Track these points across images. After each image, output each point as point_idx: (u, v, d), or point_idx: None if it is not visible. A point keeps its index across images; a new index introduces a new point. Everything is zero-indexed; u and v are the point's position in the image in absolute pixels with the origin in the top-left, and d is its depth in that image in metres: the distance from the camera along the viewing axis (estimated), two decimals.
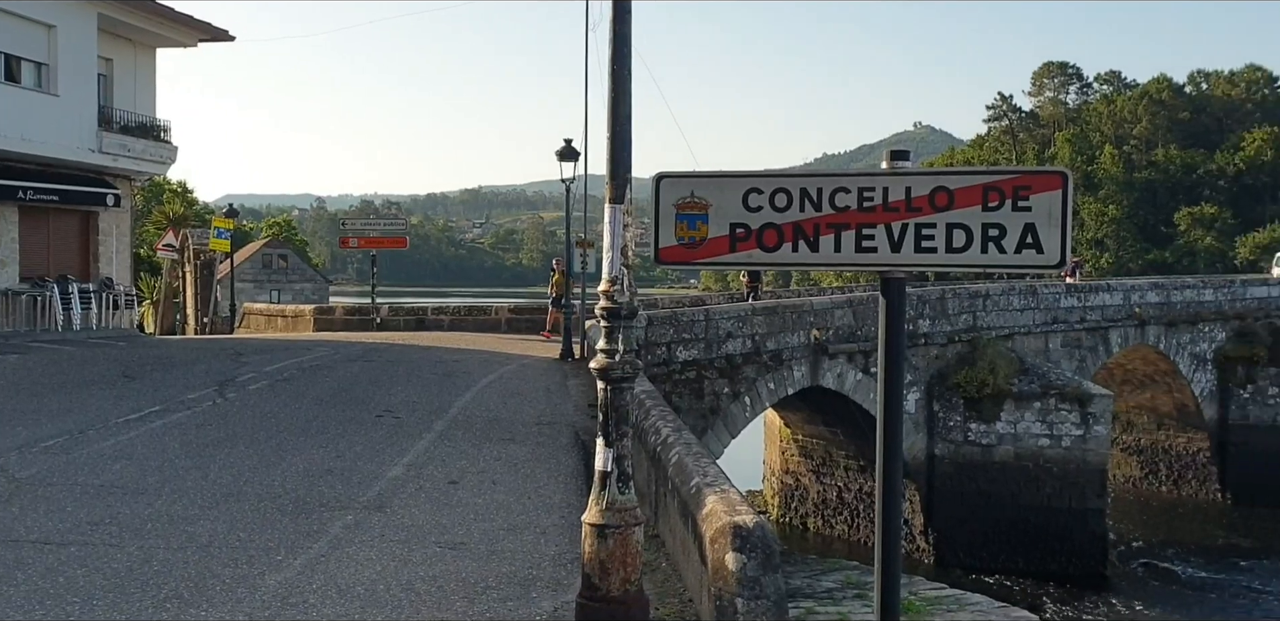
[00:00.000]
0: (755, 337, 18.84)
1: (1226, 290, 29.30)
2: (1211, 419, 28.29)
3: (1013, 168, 4.31)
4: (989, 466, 21.76)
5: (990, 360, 22.30)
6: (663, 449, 6.75)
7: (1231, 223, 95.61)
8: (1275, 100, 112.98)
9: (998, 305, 23.68)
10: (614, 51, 4.75)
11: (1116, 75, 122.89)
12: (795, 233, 4.38)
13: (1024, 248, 4.19)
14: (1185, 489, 28.82)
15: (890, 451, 4.15)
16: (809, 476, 24.88)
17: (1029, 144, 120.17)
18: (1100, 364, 25.92)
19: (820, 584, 11.49)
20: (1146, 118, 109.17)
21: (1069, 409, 21.47)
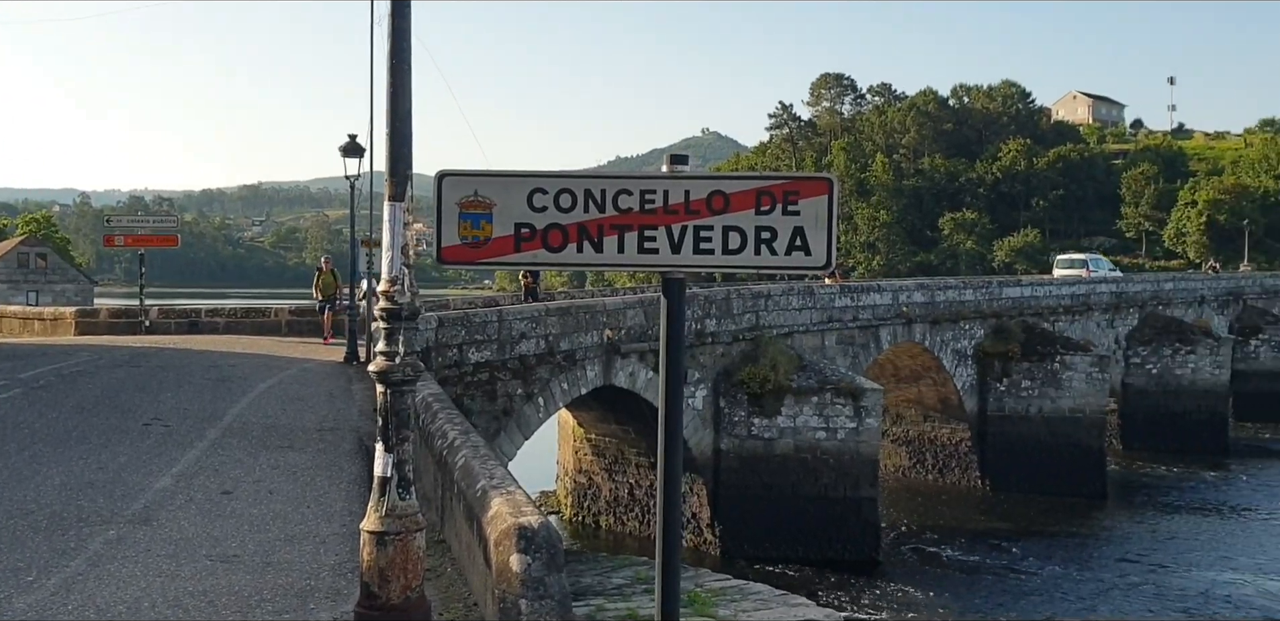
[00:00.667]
0: (549, 338, 18.87)
1: (985, 290, 31.55)
2: (972, 410, 30.41)
3: (783, 173, 4.49)
4: (771, 459, 22.62)
5: (772, 357, 23.19)
6: (449, 452, 6.66)
7: (990, 227, 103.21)
8: (1028, 114, 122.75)
9: (778, 305, 24.64)
10: (393, 47, 4.65)
11: (887, 87, 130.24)
12: (580, 233, 4.41)
13: (794, 250, 4.37)
14: (949, 477, 30.87)
15: (670, 446, 4.25)
16: (602, 475, 25.14)
17: (808, 151, 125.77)
18: (872, 360, 27.40)
19: (610, 580, 11.65)
20: (914, 128, 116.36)
21: (844, 403, 22.60)
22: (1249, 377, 42.84)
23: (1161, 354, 37.06)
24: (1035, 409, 30.04)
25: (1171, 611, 20.18)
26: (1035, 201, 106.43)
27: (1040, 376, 30.18)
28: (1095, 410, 30.25)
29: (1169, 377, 36.83)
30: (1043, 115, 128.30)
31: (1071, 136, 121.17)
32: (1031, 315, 32.34)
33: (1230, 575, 22.42)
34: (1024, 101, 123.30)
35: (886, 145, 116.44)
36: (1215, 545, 25.03)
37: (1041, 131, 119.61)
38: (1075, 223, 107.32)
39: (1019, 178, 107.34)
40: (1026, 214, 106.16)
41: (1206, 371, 36.85)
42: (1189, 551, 24.49)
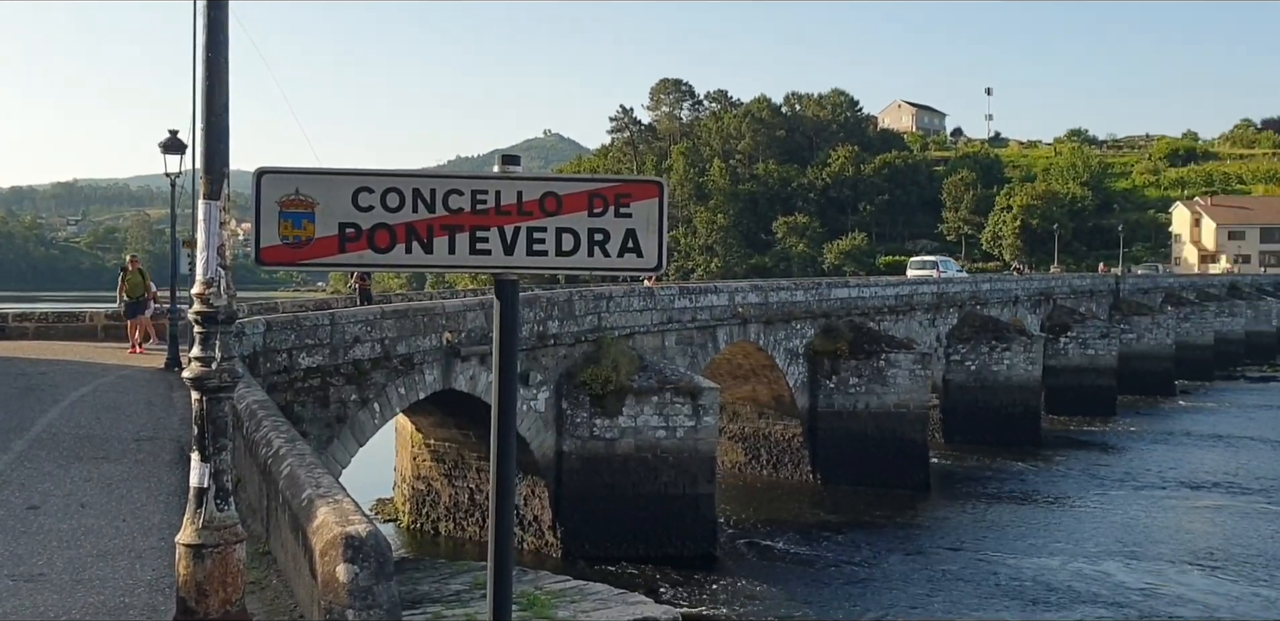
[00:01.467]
0: (385, 342, 18.45)
1: (815, 292, 32.59)
2: (804, 407, 31.36)
3: (614, 176, 4.51)
4: (613, 459, 22.77)
5: (614, 358, 23.34)
6: (274, 461, 6.42)
7: (820, 231, 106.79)
8: (856, 122, 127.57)
9: (620, 306, 24.81)
10: (209, 38, 4.45)
11: (724, 94, 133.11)
12: (408, 234, 4.32)
13: (626, 252, 4.40)
14: (783, 472, 31.75)
15: (503, 449, 4.21)
16: (441, 480, 24.76)
17: (649, 155, 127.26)
18: (709, 359, 27.93)
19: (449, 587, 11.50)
20: (749, 134, 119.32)
21: (683, 402, 22.95)
22: (1059, 373, 45.68)
23: (979, 351, 39.08)
24: (863, 405, 31.22)
25: (995, 596, 21.24)
26: (863, 206, 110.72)
27: (867, 373, 31.37)
28: (918, 405, 31.66)
29: (986, 373, 38.87)
30: (870, 123, 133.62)
31: (896, 144, 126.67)
32: (859, 315, 33.58)
33: (1047, 559, 23.75)
34: (852, 110, 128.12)
35: (723, 150, 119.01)
36: (1032, 531, 26.53)
37: (869, 139, 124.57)
38: (900, 226, 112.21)
39: (847, 183, 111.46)
40: (854, 218, 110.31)
41: (1020, 367, 39.05)
42: (1008, 538, 25.88)
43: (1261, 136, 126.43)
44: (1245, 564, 23.67)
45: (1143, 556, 24.31)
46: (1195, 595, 21.42)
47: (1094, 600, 21.02)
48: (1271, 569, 23.19)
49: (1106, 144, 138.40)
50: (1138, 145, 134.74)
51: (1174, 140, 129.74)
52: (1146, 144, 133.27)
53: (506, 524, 4.09)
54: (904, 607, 20.44)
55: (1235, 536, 26.33)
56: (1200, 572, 23.06)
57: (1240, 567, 23.39)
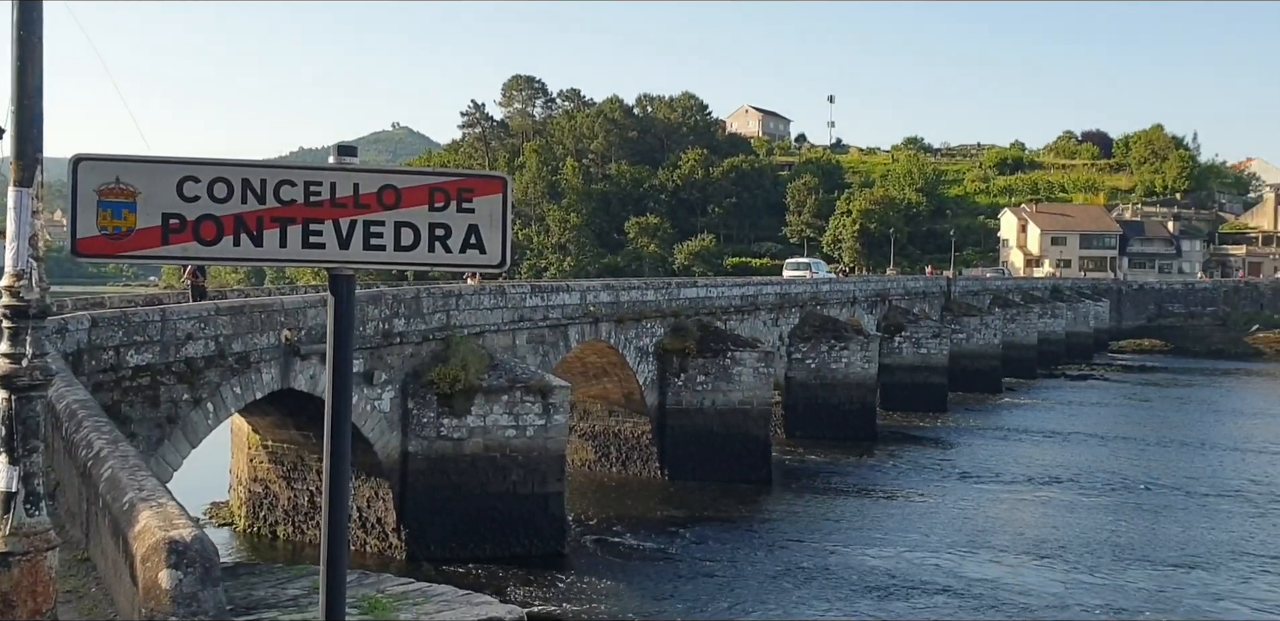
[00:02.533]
0: (220, 339, 17.73)
1: (665, 291, 33.02)
2: (653, 405, 31.72)
3: (457, 170, 4.47)
4: (460, 459, 22.51)
5: (463, 357, 23.06)
6: (95, 463, 6.09)
7: (671, 232, 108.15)
8: (705, 125, 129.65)
9: (470, 304, 24.54)
10: (21, 15, 4.18)
11: (576, 93, 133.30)
12: (237, 225, 4.16)
13: (468, 248, 4.35)
14: (632, 468, 32.04)
15: (337, 450, 4.11)
16: (280, 483, 23.97)
17: (501, 152, 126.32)
18: (561, 358, 27.93)
19: (286, 592, 11.13)
20: (602, 134, 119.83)
21: (533, 400, 22.88)
22: (893, 371, 47.56)
23: (820, 350, 40.32)
24: (709, 402, 31.81)
25: (837, 586, 21.93)
26: (711, 208, 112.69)
27: (714, 371, 31.97)
28: (762, 402, 32.46)
29: (826, 371, 40.13)
30: (718, 127, 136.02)
31: (744, 148, 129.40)
32: (706, 314, 34.18)
33: (885, 550, 24.66)
34: (702, 113, 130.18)
35: (576, 149, 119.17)
36: (870, 523, 27.54)
37: (717, 142, 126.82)
38: (747, 228, 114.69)
39: (697, 185, 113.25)
40: (704, 219, 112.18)
41: (858, 365, 40.48)
42: (848, 530, 26.78)
43: (1082, 148, 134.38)
44: (1071, 552, 25.08)
45: (977, 546, 25.48)
46: (1029, 583, 22.56)
47: (932, 589, 21.92)
48: (1095, 556, 24.65)
49: (941, 152, 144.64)
50: (969, 154, 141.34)
51: (1003, 150, 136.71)
52: (977, 153, 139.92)
53: (340, 526, 4.00)
54: (749, 600, 20.91)
55: (1061, 526, 27.92)
56: (1032, 561, 24.34)
57: (1067, 556, 24.77)
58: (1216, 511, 29.68)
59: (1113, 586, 22.34)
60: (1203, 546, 25.69)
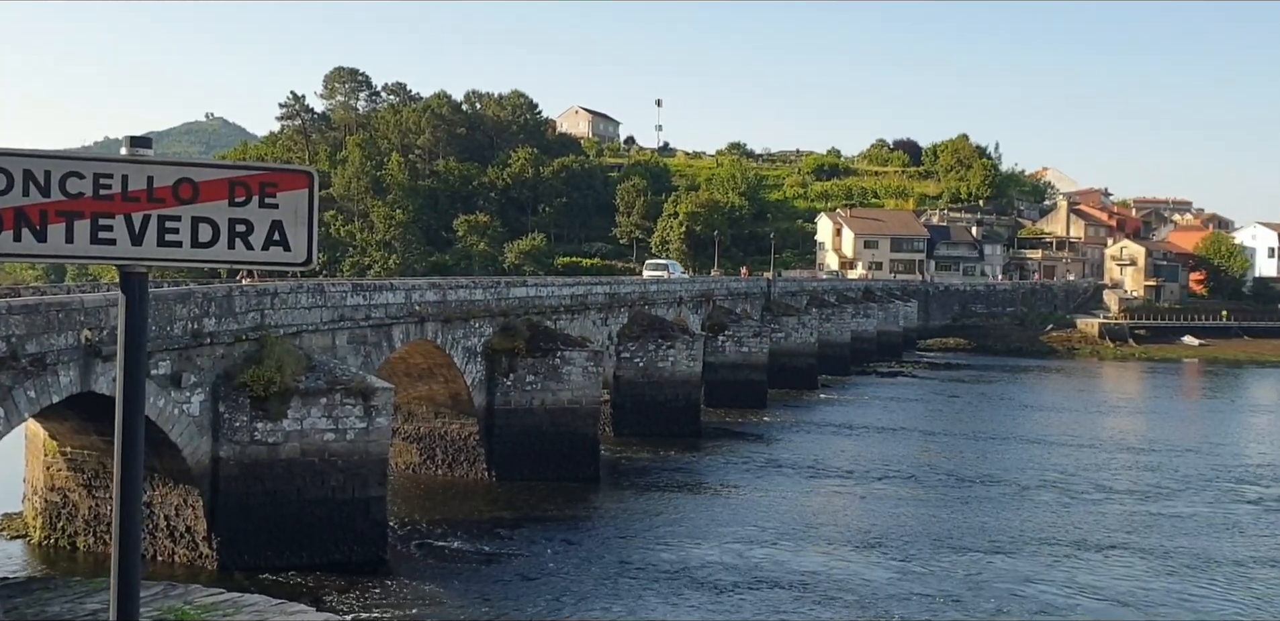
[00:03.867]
0: (12, 339, 16.53)
1: (494, 290, 32.76)
2: (481, 405, 31.43)
3: (261, 164, 4.32)
4: (276, 465, 21.72)
5: (279, 358, 22.24)
6: None
7: (501, 230, 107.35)
8: (535, 124, 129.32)
9: (286, 303, 23.68)
10: None
11: (402, 87, 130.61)
12: (17, 219, 3.93)
13: (272, 245, 4.23)
14: (459, 470, 31.65)
15: (128, 457, 3.93)
16: (79, 491, 22.54)
17: (322, 145, 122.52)
18: (384, 359, 27.31)
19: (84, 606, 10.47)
20: (429, 130, 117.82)
21: (354, 403, 22.29)
22: (717, 368, 48.68)
23: (647, 349, 40.89)
24: (539, 401, 31.78)
25: (665, 581, 22.23)
26: (542, 207, 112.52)
27: (543, 371, 31.96)
28: (590, 401, 32.67)
29: (653, 370, 40.74)
30: (549, 126, 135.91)
31: (574, 148, 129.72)
32: (536, 314, 34.11)
33: (712, 544, 25.20)
34: (532, 112, 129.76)
35: (403, 145, 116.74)
36: (697, 518, 28.08)
37: (548, 142, 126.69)
38: (577, 228, 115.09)
39: (527, 184, 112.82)
40: (534, 219, 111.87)
41: (684, 364, 41.26)
42: (676, 525, 27.21)
43: (893, 156, 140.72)
44: (892, 542, 26.24)
45: (802, 538, 26.38)
46: (855, 573, 23.51)
47: (763, 582, 22.52)
48: (914, 545, 25.87)
49: (762, 158, 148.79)
50: (789, 160, 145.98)
51: (820, 156, 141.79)
52: (797, 159, 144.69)
53: (133, 536, 3.83)
54: (577, 599, 21.00)
55: (880, 517, 29.19)
56: (856, 551, 25.36)
57: (888, 545, 25.90)
58: (1021, 500, 31.67)
59: (932, 573, 23.51)
60: (1010, 533, 27.33)
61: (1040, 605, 21.39)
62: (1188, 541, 26.60)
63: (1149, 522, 28.77)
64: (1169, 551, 25.60)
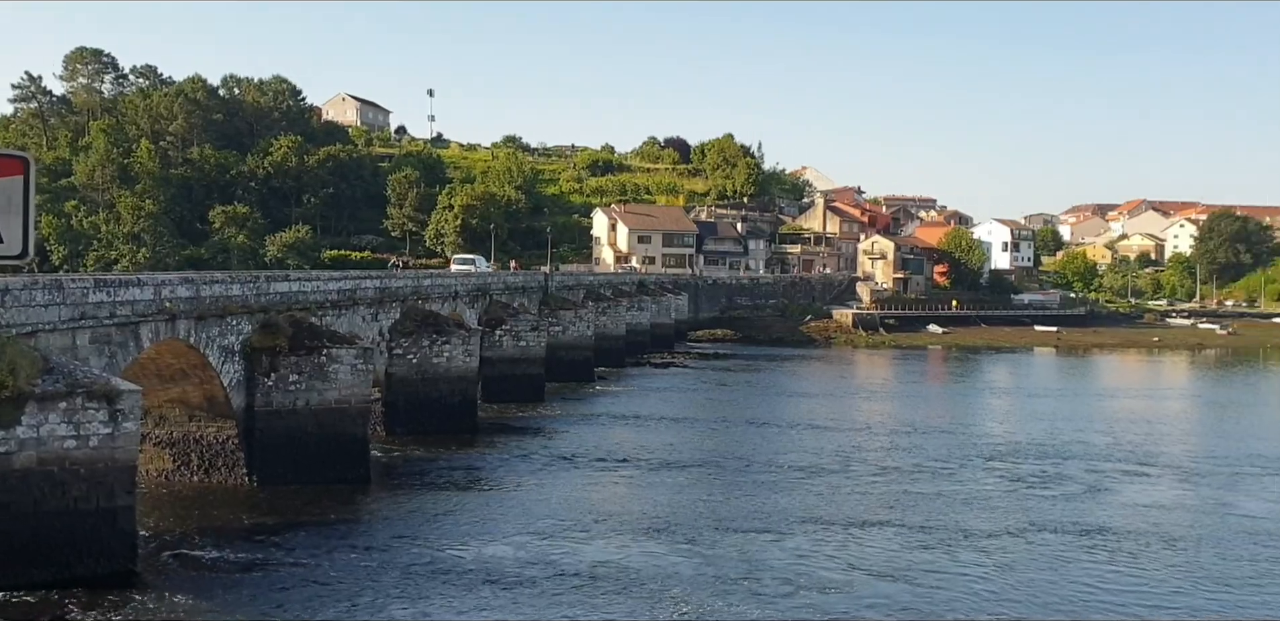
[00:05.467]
0: None
1: (253, 285, 31.13)
2: (240, 407, 29.86)
3: None
4: (9, 476, 19.89)
5: (10, 360, 20.38)
6: None
7: (262, 222, 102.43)
8: (299, 111, 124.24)
9: (19, 300, 21.67)
10: None
11: (153, 70, 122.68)
12: None
13: None
14: (216, 476, 29.97)
15: None
16: None
17: (62, 130, 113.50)
18: (132, 359, 25.49)
19: None
20: (183, 116, 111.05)
21: (97, 407, 20.71)
22: (494, 363, 48.45)
23: (421, 344, 40.12)
24: (304, 402, 30.53)
25: (442, 581, 21.85)
26: (307, 198, 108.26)
27: (308, 370, 30.75)
28: (360, 400, 31.71)
29: (428, 366, 40.02)
30: (314, 114, 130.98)
31: (341, 137, 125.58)
32: (300, 310, 32.76)
33: (494, 541, 25.00)
34: (295, 98, 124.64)
35: (153, 131, 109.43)
36: (477, 516, 27.74)
37: (313, 130, 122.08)
38: (346, 220, 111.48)
39: (291, 174, 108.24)
40: (299, 210, 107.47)
41: (460, 359, 40.76)
42: (455, 524, 26.80)
43: (664, 153, 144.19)
44: (678, 527, 26.93)
45: (587, 529, 26.60)
46: (644, 559, 23.92)
47: (551, 574, 22.55)
48: (695, 529, 26.63)
49: (538, 151, 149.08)
50: (565, 154, 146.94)
51: (595, 152, 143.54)
52: (572, 154, 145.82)
53: None
54: (343, 604, 20.35)
55: (661, 503, 29.83)
56: (642, 538, 25.80)
57: (674, 531, 26.56)
58: (793, 482, 33.21)
59: (717, 555, 24.39)
60: (786, 513, 28.66)
61: (818, 581, 22.56)
62: (944, 516, 28.69)
63: (909, 500, 30.82)
64: (928, 526, 27.50)
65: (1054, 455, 38.77)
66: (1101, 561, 24.53)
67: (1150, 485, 33.73)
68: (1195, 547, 25.86)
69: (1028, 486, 33.15)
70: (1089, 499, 31.39)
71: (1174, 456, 38.97)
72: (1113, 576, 23.39)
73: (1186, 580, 23.17)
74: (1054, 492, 32.14)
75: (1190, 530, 27.61)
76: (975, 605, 21.26)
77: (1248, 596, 22.10)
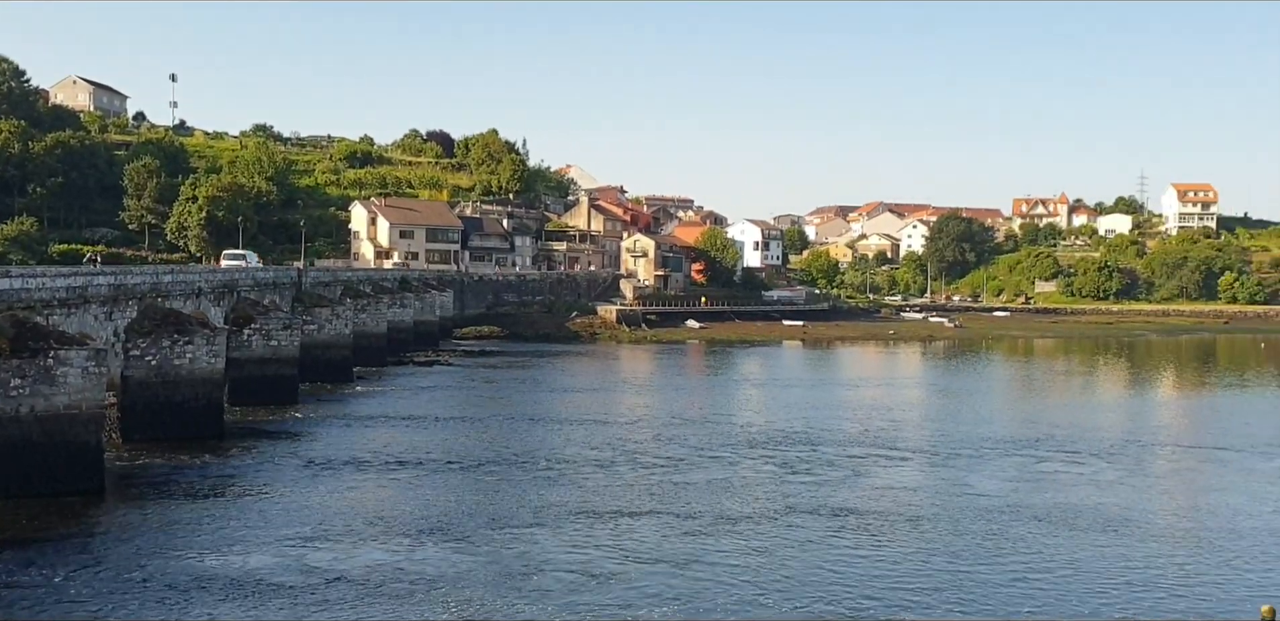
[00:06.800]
0: None
1: None
2: None
3: None
4: None
5: None
6: None
7: None
8: (23, 94, 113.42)
9: None
10: None
11: None
12: None
13: None
14: None
15: None
16: None
17: None
18: None
19: None
20: None
21: None
22: (243, 364, 45.94)
23: (161, 345, 37.46)
24: (26, 408, 27.84)
25: (187, 594, 20.58)
26: (33, 188, 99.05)
27: (32, 374, 28.07)
28: (92, 405, 29.24)
29: (168, 368, 37.43)
30: (40, 97, 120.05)
31: (72, 123, 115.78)
32: (23, 309, 29.79)
33: (243, 549, 23.74)
34: (18, 80, 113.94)
35: None
36: (223, 524, 26.21)
37: (39, 114, 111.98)
38: (77, 211, 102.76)
39: (14, 162, 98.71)
40: (23, 201, 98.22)
41: (203, 361, 38.34)
42: (198, 533, 25.24)
43: (426, 146, 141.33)
44: (443, 526, 26.49)
45: (352, 532, 25.71)
46: (411, 559, 23.34)
47: (321, 581, 21.69)
48: (466, 527, 26.29)
49: (291, 141, 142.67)
50: (320, 145, 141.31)
51: (354, 143, 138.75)
52: (329, 145, 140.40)
53: None
54: None
55: (428, 503, 29.21)
56: (410, 539, 25.19)
57: (440, 529, 26.12)
58: (562, 475, 33.35)
59: (491, 551, 24.24)
60: (558, 507, 28.87)
61: (594, 572, 22.73)
62: (709, 503, 29.62)
63: (676, 489, 31.56)
64: (695, 513, 28.32)
65: (807, 442, 40.73)
66: (851, 541, 25.95)
67: (894, 468, 36.00)
68: (933, 525, 27.77)
69: (785, 472, 34.65)
70: (840, 483, 33.14)
71: (913, 441, 41.78)
72: (861, 555, 24.78)
73: (925, 555, 24.84)
74: (808, 478, 33.75)
75: (929, 509, 29.64)
76: (737, 590, 22.00)
77: (979, 568, 23.91)
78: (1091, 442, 41.38)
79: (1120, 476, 34.82)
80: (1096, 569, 23.88)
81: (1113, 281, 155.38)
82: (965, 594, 21.95)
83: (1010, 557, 24.67)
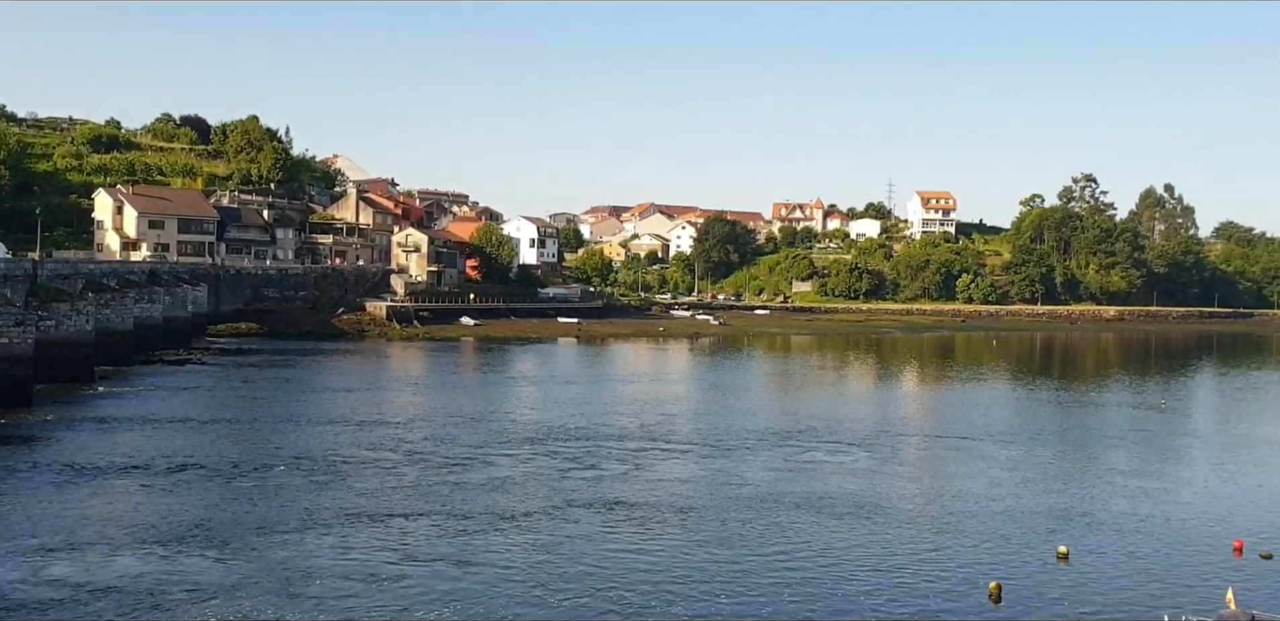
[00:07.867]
0: None
1: None
2: None
3: None
4: None
5: None
6: None
7: None
8: None
9: None
10: None
11: None
12: None
13: None
14: None
15: None
16: None
17: None
18: None
19: None
20: None
21: None
22: None
23: None
24: None
25: None
26: None
27: None
28: None
29: None
30: None
31: None
32: None
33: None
34: None
35: None
36: None
37: None
38: None
39: None
40: None
41: None
42: None
43: (180, 132, 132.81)
44: (201, 532, 25.17)
45: (101, 542, 24.04)
46: (169, 569, 22.05)
47: (43, 597, 20.17)
48: (226, 534, 25.02)
49: (27, 123, 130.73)
50: (60, 127, 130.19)
51: (98, 126, 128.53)
52: (70, 127, 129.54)
53: None
54: None
55: (183, 510, 27.54)
56: (167, 548, 23.76)
57: (198, 536, 24.82)
58: (331, 479, 32.12)
59: (260, 558, 23.33)
60: (328, 510, 27.91)
61: (369, 575, 22.07)
62: (487, 501, 29.45)
63: (452, 488, 31.15)
64: (472, 512, 28.05)
65: (584, 437, 41.10)
66: (626, 534, 26.38)
67: (668, 461, 36.89)
68: (702, 516, 28.64)
69: (563, 468, 34.82)
70: (616, 477, 33.64)
71: (685, 434, 42.96)
72: (634, 547, 25.25)
73: (694, 546, 25.58)
74: (586, 473, 34.08)
75: (700, 500, 30.56)
76: (514, 588, 21.95)
77: (746, 558, 24.86)
78: (848, 433, 43.88)
79: (874, 465, 37.08)
80: (850, 555, 25.33)
81: (863, 282, 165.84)
82: (731, 584, 22.72)
83: (771, 547, 25.79)
